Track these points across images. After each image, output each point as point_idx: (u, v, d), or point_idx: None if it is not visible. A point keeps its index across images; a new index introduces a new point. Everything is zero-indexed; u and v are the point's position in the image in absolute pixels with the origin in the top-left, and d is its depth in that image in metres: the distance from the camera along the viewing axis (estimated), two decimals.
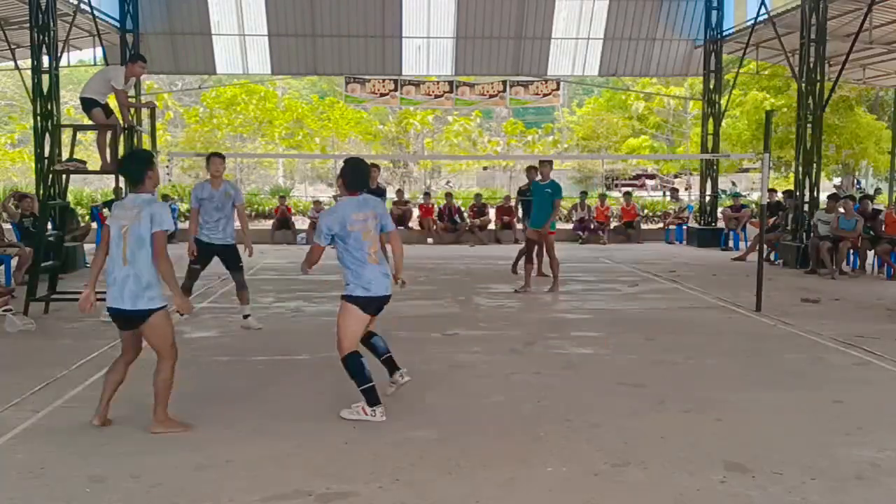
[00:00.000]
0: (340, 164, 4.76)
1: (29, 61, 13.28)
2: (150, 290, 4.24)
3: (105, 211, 15.73)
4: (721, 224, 17.13)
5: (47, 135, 12.30)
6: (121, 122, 8.06)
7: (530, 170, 11.35)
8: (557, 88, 19.74)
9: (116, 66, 8.51)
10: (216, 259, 7.43)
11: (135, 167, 4.43)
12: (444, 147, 29.52)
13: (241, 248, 7.42)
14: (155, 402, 4.35)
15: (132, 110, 9.05)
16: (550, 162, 9.72)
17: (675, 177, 33.60)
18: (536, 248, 9.96)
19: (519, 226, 16.37)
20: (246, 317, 7.43)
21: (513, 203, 17.75)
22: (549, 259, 9.83)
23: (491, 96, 19.85)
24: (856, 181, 32.09)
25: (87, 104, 7.82)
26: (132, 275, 4.22)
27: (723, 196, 20.57)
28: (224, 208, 7.30)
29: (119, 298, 4.25)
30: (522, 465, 3.88)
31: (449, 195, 18.70)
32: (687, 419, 4.66)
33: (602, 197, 19.18)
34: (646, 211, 20.76)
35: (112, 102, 8.00)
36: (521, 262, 10.29)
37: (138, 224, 4.22)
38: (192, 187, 7.55)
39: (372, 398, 4.51)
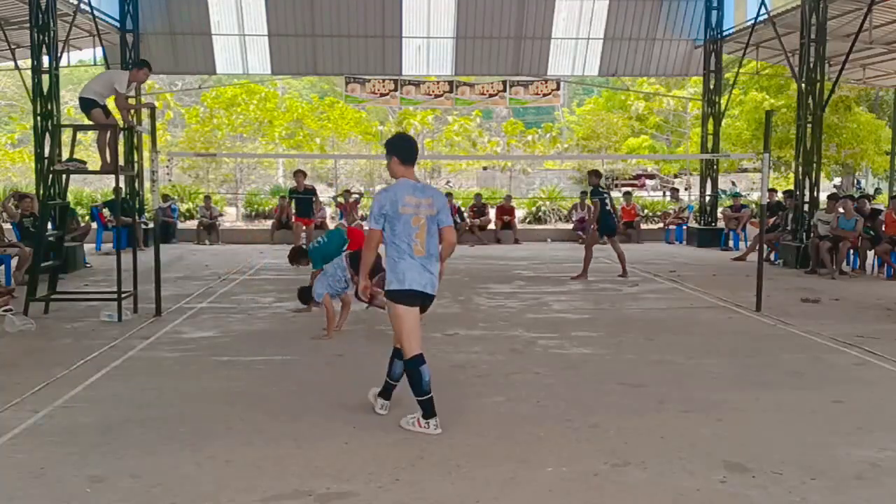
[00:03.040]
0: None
1: (29, 61, 13.28)
2: None
3: (105, 211, 15.73)
4: (721, 224, 17.13)
5: (47, 135, 12.30)
6: (120, 122, 8.06)
7: (591, 174, 11.44)
8: (557, 88, 19.72)
9: (120, 70, 8.51)
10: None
11: None
12: (444, 147, 29.50)
13: None
14: None
15: (132, 111, 9.05)
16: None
17: (675, 177, 33.56)
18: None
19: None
20: None
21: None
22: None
23: (491, 96, 19.84)
24: (856, 181, 32.08)
25: (87, 104, 7.82)
26: None
27: (723, 196, 20.56)
28: None
29: None
30: (522, 465, 3.88)
31: (449, 195, 18.67)
32: (687, 419, 4.65)
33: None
34: (646, 211, 20.75)
35: (111, 104, 7.99)
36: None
37: None
38: None
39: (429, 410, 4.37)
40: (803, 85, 12.96)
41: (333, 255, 7.63)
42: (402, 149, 4.46)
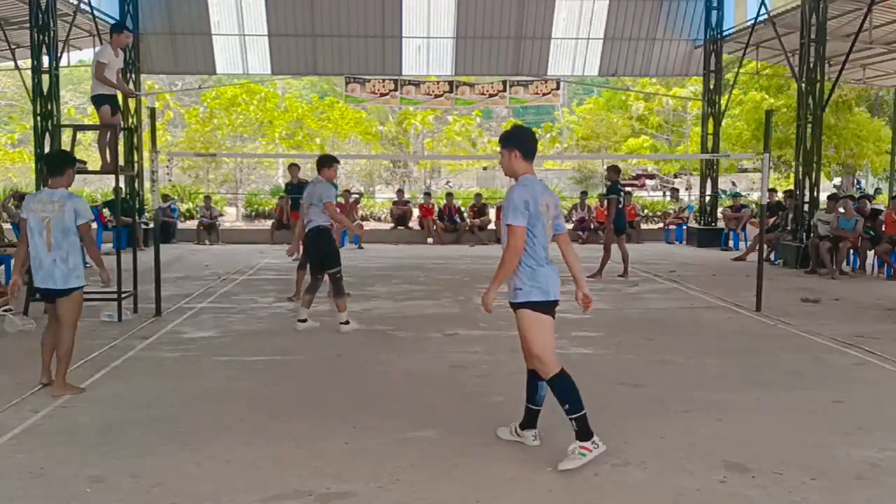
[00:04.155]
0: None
1: (29, 61, 13.29)
2: (76, 271, 5.00)
3: (105, 211, 15.73)
4: (721, 224, 17.13)
5: (47, 135, 12.31)
6: (113, 120, 8.00)
7: (610, 170, 11.42)
8: (557, 88, 19.72)
9: (103, 44, 8.45)
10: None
11: (56, 163, 5.22)
12: (444, 147, 29.51)
13: None
14: (59, 368, 5.00)
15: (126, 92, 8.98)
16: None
17: (675, 177, 33.57)
18: None
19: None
20: None
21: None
22: None
23: (491, 96, 19.84)
24: (856, 181, 32.08)
25: (96, 101, 7.82)
26: (59, 259, 4.92)
27: (723, 196, 20.57)
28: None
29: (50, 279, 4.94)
30: (522, 465, 3.88)
31: (449, 195, 18.69)
32: (687, 419, 4.65)
33: (602, 197, 19.13)
34: (646, 211, 20.75)
35: (119, 96, 8.02)
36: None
37: (62, 216, 4.95)
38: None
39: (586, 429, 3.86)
40: (803, 85, 12.96)
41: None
42: (524, 142, 3.99)
